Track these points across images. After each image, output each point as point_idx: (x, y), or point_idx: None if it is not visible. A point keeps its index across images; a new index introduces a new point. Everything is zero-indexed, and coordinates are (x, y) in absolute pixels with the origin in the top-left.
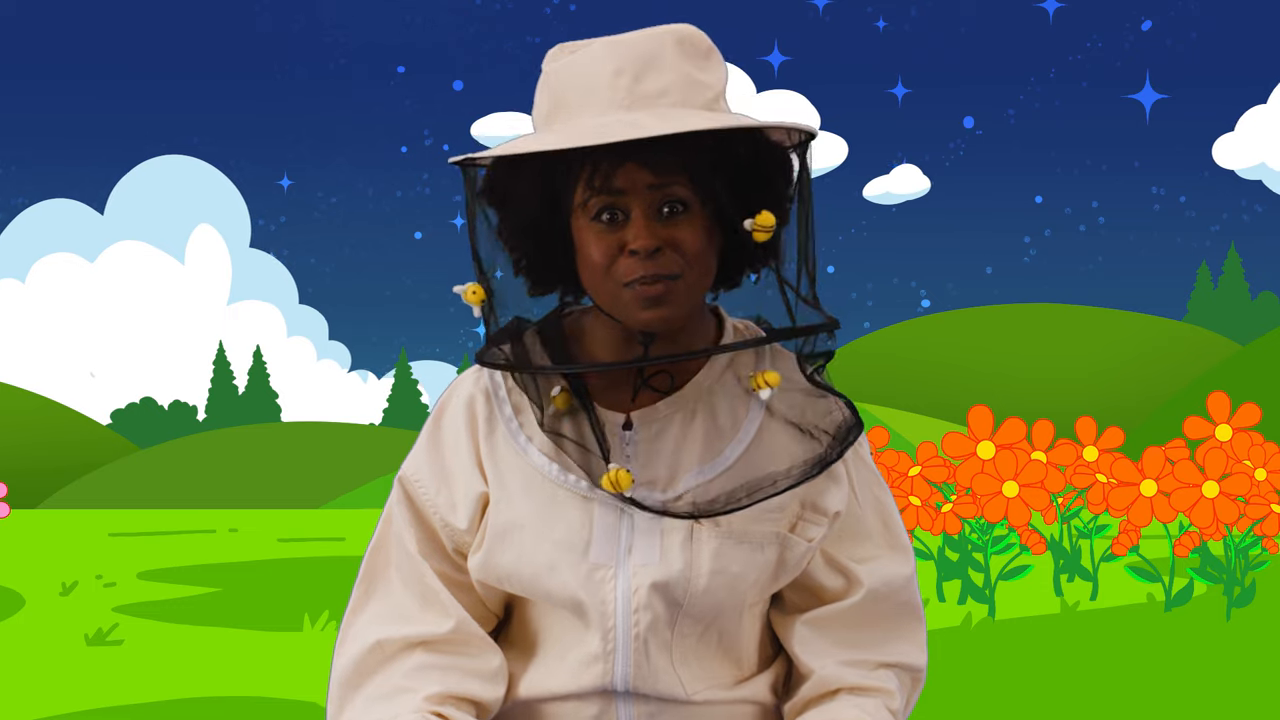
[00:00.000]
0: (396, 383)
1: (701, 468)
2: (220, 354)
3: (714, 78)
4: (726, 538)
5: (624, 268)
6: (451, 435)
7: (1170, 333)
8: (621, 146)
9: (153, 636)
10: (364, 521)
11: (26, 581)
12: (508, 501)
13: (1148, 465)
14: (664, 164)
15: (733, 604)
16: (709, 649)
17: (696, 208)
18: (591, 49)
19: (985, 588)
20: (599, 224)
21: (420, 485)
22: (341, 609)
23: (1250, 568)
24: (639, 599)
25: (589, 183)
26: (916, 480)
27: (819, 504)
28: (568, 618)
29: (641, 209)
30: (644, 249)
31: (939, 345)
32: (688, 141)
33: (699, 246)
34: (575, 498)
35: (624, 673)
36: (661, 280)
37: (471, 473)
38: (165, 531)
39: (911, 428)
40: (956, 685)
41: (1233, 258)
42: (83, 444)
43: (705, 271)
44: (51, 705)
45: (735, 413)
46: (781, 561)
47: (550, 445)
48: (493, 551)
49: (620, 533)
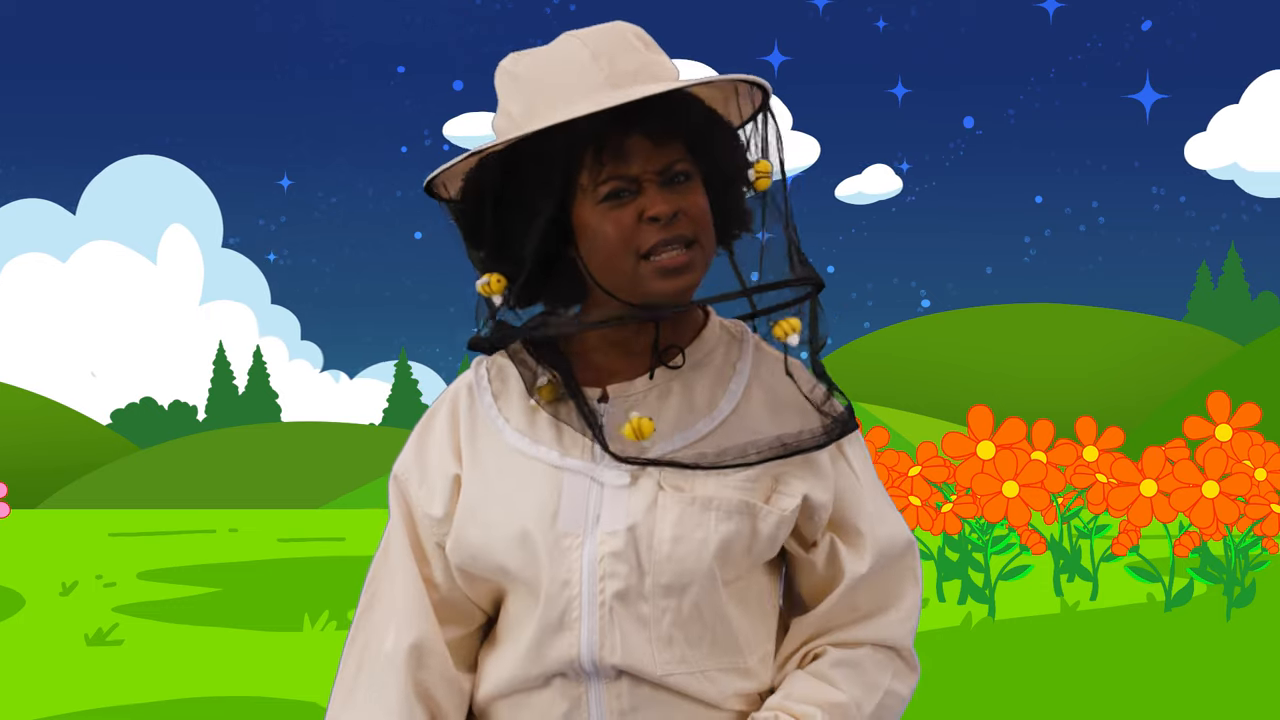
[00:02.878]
0: (396, 383)
1: (673, 438)
2: (220, 354)
3: (669, 63)
4: (690, 504)
5: (643, 236)
6: (436, 431)
7: (1170, 333)
8: (625, 116)
9: (153, 636)
10: (364, 521)
11: (26, 581)
12: (482, 480)
13: (1148, 465)
14: (668, 129)
15: (701, 572)
16: (693, 631)
17: (696, 175)
18: (556, 43)
19: (985, 588)
20: (610, 201)
21: (408, 481)
22: (341, 609)
23: (1250, 568)
24: (605, 566)
25: (597, 156)
26: (916, 480)
27: (790, 483)
28: (535, 600)
29: (652, 179)
30: (664, 215)
31: (939, 345)
32: (681, 106)
33: (706, 212)
34: (546, 468)
35: (590, 641)
36: (682, 246)
37: (447, 459)
38: (165, 531)
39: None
40: (957, 685)
41: (1233, 258)
42: (83, 444)
43: (713, 238)
44: (51, 705)
45: (713, 393)
46: (754, 532)
47: (525, 423)
48: (464, 525)
49: (588, 502)
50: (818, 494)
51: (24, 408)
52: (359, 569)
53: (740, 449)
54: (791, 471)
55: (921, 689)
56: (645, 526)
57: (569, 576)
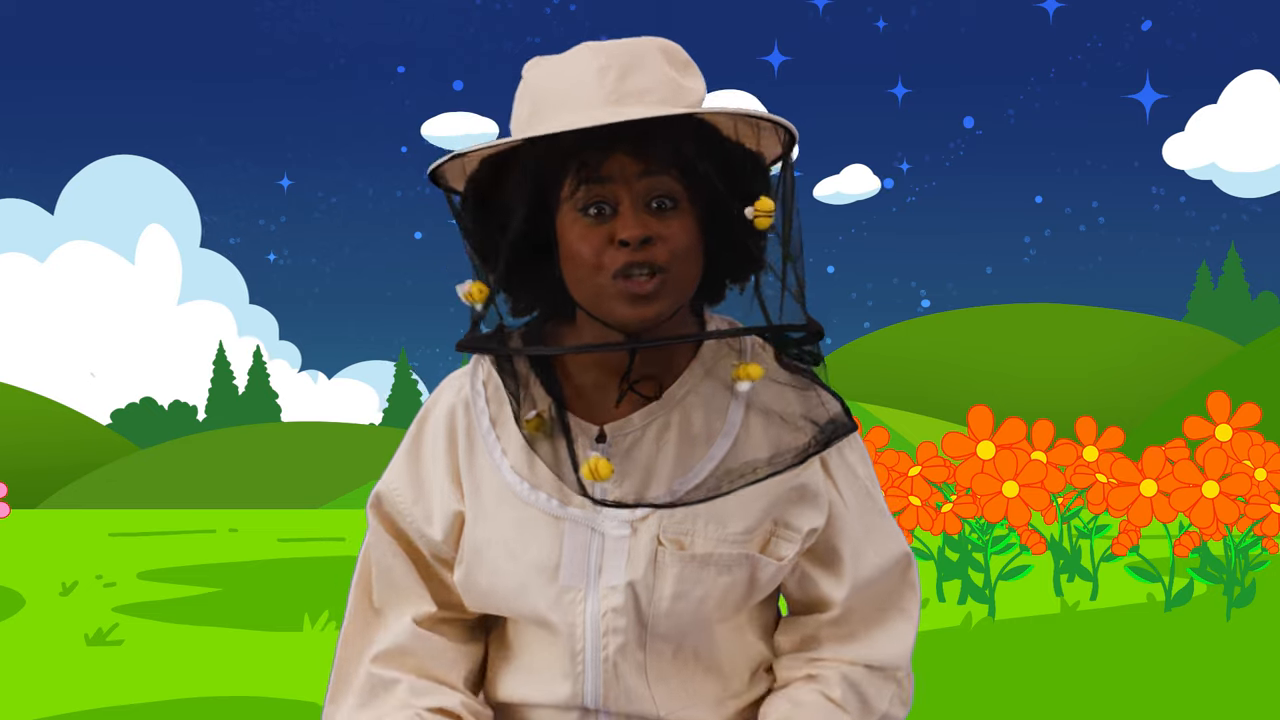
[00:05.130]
0: (396, 382)
1: (674, 483)
2: (220, 354)
3: (695, 85)
4: (690, 561)
5: (611, 257)
6: (430, 447)
7: (1170, 333)
8: (610, 135)
9: (153, 636)
10: (364, 522)
11: (26, 581)
12: (483, 518)
13: (1148, 465)
14: (653, 154)
15: (697, 625)
16: (686, 666)
17: (685, 204)
18: (573, 51)
19: (985, 588)
20: (587, 218)
21: (398, 496)
22: (341, 609)
23: (1250, 568)
24: (608, 622)
25: (577, 172)
26: (916, 480)
27: (791, 522)
28: (542, 633)
29: (630, 200)
30: (634, 238)
31: (939, 345)
32: (677, 132)
33: (687, 242)
34: (546, 518)
35: (595, 691)
36: (649, 273)
37: (448, 489)
38: (165, 531)
39: (911, 428)
40: (956, 685)
41: (1233, 258)
42: (83, 444)
43: (691, 270)
44: (51, 705)
45: (711, 422)
46: (752, 581)
47: (523, 461)
48: (471, 569)
49: (590, 554)
50: (819, 523)
51: (24, 408)
52: None
53: (750, 465)
54: (790, 510)
55: (922, 689)
56: (645, 583)
57: (574, 631)
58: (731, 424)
